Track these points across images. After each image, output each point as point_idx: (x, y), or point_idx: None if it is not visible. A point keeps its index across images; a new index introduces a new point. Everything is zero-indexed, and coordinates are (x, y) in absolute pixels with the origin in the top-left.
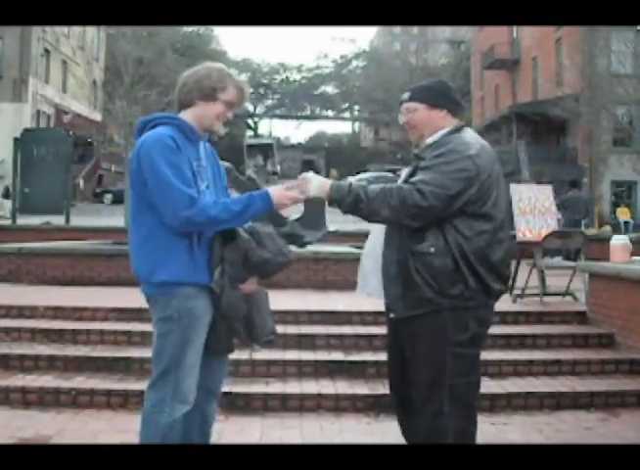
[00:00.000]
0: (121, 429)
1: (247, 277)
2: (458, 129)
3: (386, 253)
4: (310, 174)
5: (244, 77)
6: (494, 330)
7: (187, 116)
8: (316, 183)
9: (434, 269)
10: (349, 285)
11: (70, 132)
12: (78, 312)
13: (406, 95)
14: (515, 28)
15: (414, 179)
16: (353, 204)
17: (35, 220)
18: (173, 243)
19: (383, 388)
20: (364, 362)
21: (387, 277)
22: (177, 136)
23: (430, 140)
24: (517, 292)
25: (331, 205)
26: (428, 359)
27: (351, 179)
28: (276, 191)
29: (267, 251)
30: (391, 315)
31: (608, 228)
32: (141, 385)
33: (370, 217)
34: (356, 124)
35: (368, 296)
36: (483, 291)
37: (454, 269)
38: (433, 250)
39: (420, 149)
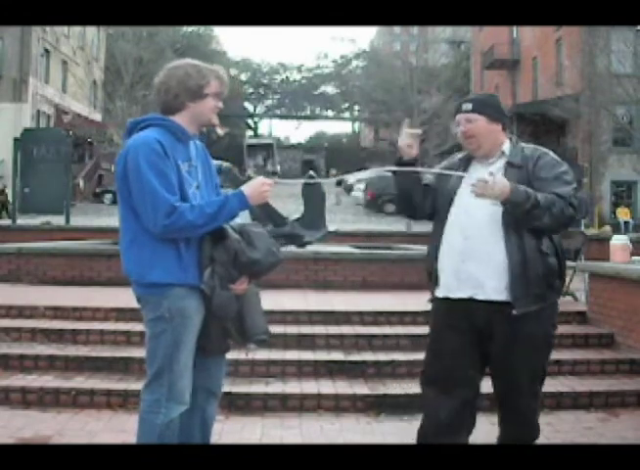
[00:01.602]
0: (121, 429)
1: (237, 277)
2: (517, 139)
3: (511, 254)
4: (499, 179)
5: (243, 77)
6: None
7: (180, 118)
8: (498, 191)
9: (551, 267)
10: (349, 285)
11: (70, 132)
12: (78, 312)
13: (468, 106)
14: (515, 28)
15: (561, 192)
16: (530, 210)
17: (35, 220)
18: (160, 245)
19: (383, 388)
20: (364, 362)
21: (513, 278)
22: (166, 138)
23: (506, 149)
24: None
25: (505, 205)
26: (536, 350)
27: (351, 179)
28: (251, 187)
29: (257, 251)
30: (514, 312)
31: (608, 228)
32: (141, 385)
33: (531, 221)
34: (356, 124)
35: (471, 296)
36: (563, 281)
37: (558, 266)
38: (548, 250)
39: (510, 155)
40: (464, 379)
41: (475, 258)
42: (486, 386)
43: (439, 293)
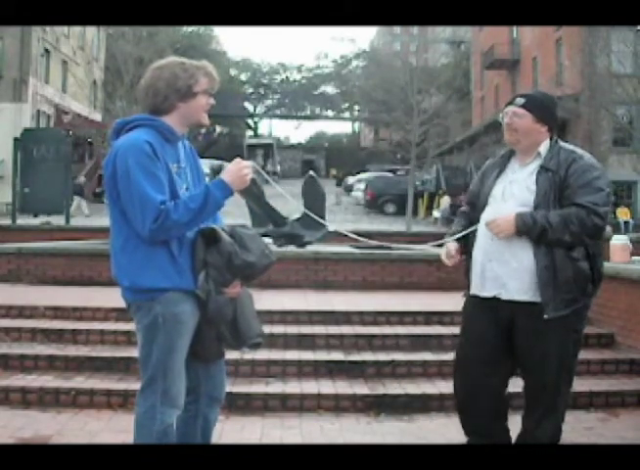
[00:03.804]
0: (121, 429)
1: (231, 281)
2: (557, 140)
3: (538, 259)
4: (501, 220)
5: (243, 77)
6: None
7: (169, 119)
8: (504, 225)
9: (582, 272)
10: (349, 285)
11: (70, 132)
12: (78, 312)
13: (521, 100)
14: (515, 28)
15: (584, 201)
16: (541, 234)
17: (35, 220)
18: (153, 249)
19: (382, 388)
20: (364, 362)
21: (542, 283)
22: (156, 139)
23: (543, 150)
24: None
25: (519, 235)
26: (563, 347)
27: (352, 180)
28: (229, 172)
29: (251, 254)
30: (545, 316)
31: (608, 228)
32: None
33: (554, 243)
34: (356, 124)
35: (495, 295)
36: (598, 284)
37: (590, 270)
38: (580, 256)
39: (545, 158)
40: (491, 364)
41: (498, 258)
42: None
43: (471, 290)
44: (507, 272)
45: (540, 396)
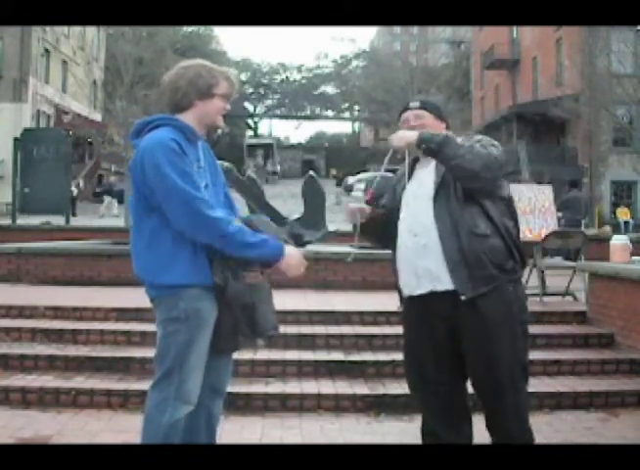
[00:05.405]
0: (121, 429)
1: (246, 266)
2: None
3: (447, 245)
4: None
5: (243, 77)
6: None
7: (187, 117)
8: (402, 134)
9: (493, 248)
10: (349, 285)
11: (70, 132)
12: (78, 312)
13: (416, 103)
14: (515, 28)
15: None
16: (444, 140)
17: (35, 220)
18: (177, 245)
19: (382, 388)
20: (364, 362)
21: (452, 265)
22: (179, 138)
23: None
24: None
25: (420, 146)
26: (505, 337)
27: (352, 180)
28: (291, 257)
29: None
30: (463, 297)
31: (608, 228)
32: (141, 385)
33: (453, 160)
34: (356, 124)
35: (431, 290)
36: (521, 263)
37: (505, 246)
38: (489, 232)
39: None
40: (442, 380)
41: (425, 253)
42: None
43: (404, 292)
44: (436, 264)
45: (499, 401)
